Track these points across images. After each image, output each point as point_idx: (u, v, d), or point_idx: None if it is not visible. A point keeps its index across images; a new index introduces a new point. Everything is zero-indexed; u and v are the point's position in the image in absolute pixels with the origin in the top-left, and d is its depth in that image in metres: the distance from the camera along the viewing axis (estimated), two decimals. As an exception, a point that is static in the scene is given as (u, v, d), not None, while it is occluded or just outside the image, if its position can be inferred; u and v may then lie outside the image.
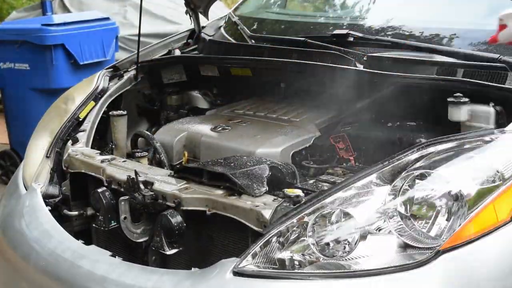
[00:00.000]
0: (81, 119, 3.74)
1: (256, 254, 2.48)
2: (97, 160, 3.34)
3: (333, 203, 2.52)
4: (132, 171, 3.05)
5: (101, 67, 5.14)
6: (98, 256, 2.84)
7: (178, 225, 2.79)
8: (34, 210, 3.23)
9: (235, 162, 2.98)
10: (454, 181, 2.47)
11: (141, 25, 4.02)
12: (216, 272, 2.47)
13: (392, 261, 2.39)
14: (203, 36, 4.36)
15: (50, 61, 6.29)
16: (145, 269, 2.72)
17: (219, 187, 2.83)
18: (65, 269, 2.85)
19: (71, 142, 3.58)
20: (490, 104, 2.95)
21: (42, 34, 6.27)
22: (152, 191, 2.94)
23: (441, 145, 2.66)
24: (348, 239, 2.45)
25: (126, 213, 2.99)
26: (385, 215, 2.47)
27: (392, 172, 2.59)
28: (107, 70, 4.12)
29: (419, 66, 3.22)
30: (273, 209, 2.60)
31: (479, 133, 2.73)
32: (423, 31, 3.52)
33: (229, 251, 2.76)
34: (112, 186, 3.14)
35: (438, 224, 2.43)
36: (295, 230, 2.51)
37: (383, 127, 3.32)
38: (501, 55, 3.09)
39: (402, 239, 2.43)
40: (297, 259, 2.46)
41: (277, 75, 3.80)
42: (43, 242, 3.03)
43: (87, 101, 3.83)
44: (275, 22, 4.38)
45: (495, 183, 2.49)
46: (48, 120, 3.85)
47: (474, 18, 3.54)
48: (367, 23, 3.88)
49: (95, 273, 2.74)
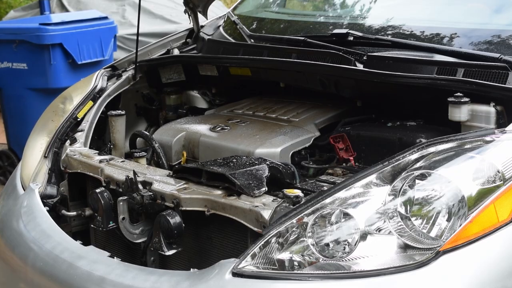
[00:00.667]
0: (79, 119, 3.74)
1: (255, 254, 2.48)
2: (95, 160, 3.34)
3: (332, 204, 2.52)
4: (130, 171, 3.05)
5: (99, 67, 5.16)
6: (96, 257, 2.84)
7: (176, 226, 2.79)
8: (32, 211, 3.22)
9: (234, 162, 2.98)
10: (455, 181, 2.46)
11: (140, 24, 4.02)
12: (215, 273, 2.47)
13: (392, 262, 2.38)
14: (202, 36, 4.35)
15: (48, 61, 6.29)
16: (144, 269, 2.72)
17: (218, 188, 2.83)
18: (63, 269, 2.85)
19: (69, 142, 3.58)
20: (491, 104, 2.94)
21: (40, 33, 6.27)
22: (151, 191, 2.94)
23: (442, 145, 2.66)
24: (348, 239, 2.45)
25: (124, 213, 2.99)
26: (385, 215, 2.47)
27: (392, 172, 2.59)
28: (105, 70, 4.12)
29: (420, 66, 3.22)
30: (273, 209, 2.60)
31: (480, 133, 2.73)
32: (424, 31, 3.51)
33: (228, 251, 2.77)
34: (111, 187, 3.14)
35: (439, 225, 2.42)
36: (294, 230, 2.51)
37: (383, 127, 3.32)
38: (501, 55, 3.09)
39: (402, 239, 2.43)
40: (297, 259, 2.46)
41: (276, 74, 3.80)
42: (41, 243, 3.03)
43: (85, 101, 3.83)
44: (274, 22, 4.37)
45: (495, 183, 2.49)
46: (46, 120, 3.85)
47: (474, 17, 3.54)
48: (367, 22, 3.88)
49: (94, 274, 2.74)
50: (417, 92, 3.16)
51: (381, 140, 3.21)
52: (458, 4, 3.79)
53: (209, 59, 4.06)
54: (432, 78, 3.10)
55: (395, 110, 3.37)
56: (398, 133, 3.19)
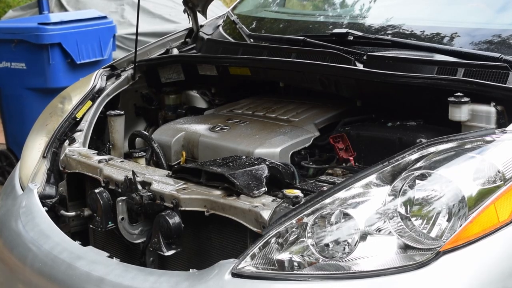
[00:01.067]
0: (78, 119, 3.74)
1: (255, 255, 2.48)
2: (94, 160, 3.34)
3: (332, 204, 2.52)
4: (129, 171, 3.05)
5: (98, 66, 5.15)
6: (95, 257, 2.84)
7: (176, 226, 2.79)
8: (30, 211, 3.22)
9: (234, 162, 2.98)
10: (455, 181, 2.47)
11: (139, 24, 4.02)
12: (215, 273, 2.47)
13: (392, 263, 2.39)
14: (201, 35, 4.35)
15: (47, 61, 6.29)
16: (143, 270, 2.72)
17: (217, 188, 2.83)
18: (62, 270, 2.85)
19: (68, 142, 3.58)
20: (491, 103, 2.94)
21: (38, 33, 6.26)
22: (150, 191, 2.94)
23: (442, 145, 2.66)
24: (348, 240, 2.45)
25: (123, 214, 2.99)
26: (385, 215, 2.47)
27: (392, 173, 2.59)
28: (104, 70, 4.12)
29: (420, 66, 3.22)
30: (272, 209, 2.60)
31: (480, 133, 2.73)
32: (424, 30, 3.51)
33: (228, 252, 2.77)
34: (110, 187, 3.14)
35: (439, 225, 2.43)
36: (294, 231, 2.51)
37: (383, 127, 3.32)
38: (502, 55, 3.08)
39: (402, 240, 2.43)
40: (297, 260, 2.46)
41: (276, 74, 3.80)
42: (40, 243, 3.03)
43: (84, 101, 3.83)
44: (274, 21, 4.37)
45: (496, 184, 2.49)
46: (45, 120, 3.85)
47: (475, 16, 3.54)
48: (367, 22, 3.87)
49: (92, 275, 2.74)
50: (417, 92, 3.16)
51: (381, 140, 3.21)
52: (458, 4, 3.78)
53: (208, 58, 4.06)
54: (432, 78, 3.09)
55: (395, 110, 3.37)
56: (398, 133, 3.19)
